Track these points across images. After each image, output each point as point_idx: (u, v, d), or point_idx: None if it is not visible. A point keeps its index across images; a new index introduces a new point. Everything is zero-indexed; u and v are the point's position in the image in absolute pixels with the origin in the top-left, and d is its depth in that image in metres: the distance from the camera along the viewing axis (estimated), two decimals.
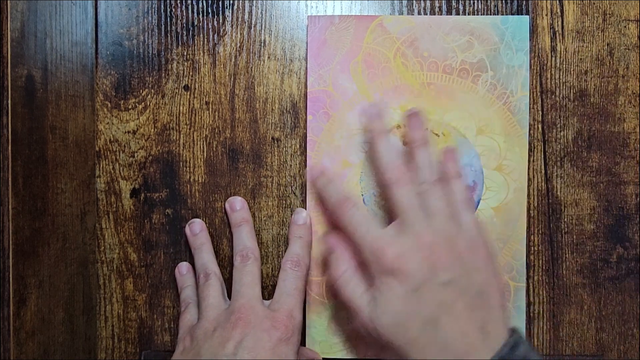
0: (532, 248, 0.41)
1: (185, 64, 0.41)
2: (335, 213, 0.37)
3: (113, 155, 0.42)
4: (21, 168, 0.32)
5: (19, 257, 0.32)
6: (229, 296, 0.38)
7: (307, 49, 0.41)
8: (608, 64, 0.41)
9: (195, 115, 0.42)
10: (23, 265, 0.32)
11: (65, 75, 0.37)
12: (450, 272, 0.33)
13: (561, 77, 0.41)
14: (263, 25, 0.41)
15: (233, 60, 0.41)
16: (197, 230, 0.41)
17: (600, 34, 0.41)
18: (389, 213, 0.40)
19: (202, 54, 0.41)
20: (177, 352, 0.36)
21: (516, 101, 0.40)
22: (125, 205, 0.42)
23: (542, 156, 0.41)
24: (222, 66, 0.41)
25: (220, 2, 0.41)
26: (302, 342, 0.40)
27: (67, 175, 0.37)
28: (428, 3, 0.41)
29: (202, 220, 0.41)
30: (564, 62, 0.41)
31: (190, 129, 0.42)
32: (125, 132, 0.42)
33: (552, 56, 0.41)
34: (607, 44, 0.41)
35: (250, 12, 0.41)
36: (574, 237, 0.41)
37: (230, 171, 0.42)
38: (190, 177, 0.42)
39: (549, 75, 0.41)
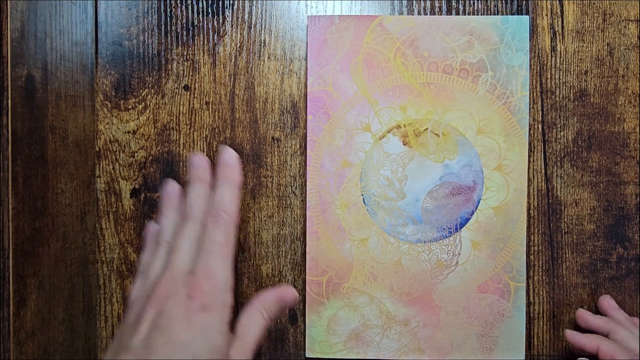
0: (532, 248, 0.41)
1: (185, 64, 0.41)
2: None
3: (113, 155, 0.42)
4: (21, 168, 0.32)
5: (19, 257, 0.32)
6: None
7: (307, 49, 0.41)
8: (608, 64, 0.41)
9: (195, 115, 0.42)
10: (23, 265, 0.32)
11: (65, 75, 0.37)
12: None
13: (561, 77, 0.41)
14: (263, 25, 0.41)
15: (233, 60, 0.41)
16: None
17: (600, 34, 0.41)
18: (389, 214, 0.40)
19: (202, 54, 0.41)
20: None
21: (516, 101, 0.40)
22: (125, 205, 0.42)
23: (542, 156, 0.41)
24: (222, 66, 0.41)
25: (220, 2, 0.41)
26: (302, 342, 0.40)
27: (67, 175, 0.37)
28: (428, 3, 0.41)
29: None
30: (564, 62, 0.41)
31: (190, 129, 0.42)
32: (125, 132, 0.42)
33: (552, 56, 0.41)
34: (607, 44, 0.41)
35: (250, 12, 0.41)
36: (574, 237, 0.41)
37: None
38: None
39: (549, 75, 0.41)
